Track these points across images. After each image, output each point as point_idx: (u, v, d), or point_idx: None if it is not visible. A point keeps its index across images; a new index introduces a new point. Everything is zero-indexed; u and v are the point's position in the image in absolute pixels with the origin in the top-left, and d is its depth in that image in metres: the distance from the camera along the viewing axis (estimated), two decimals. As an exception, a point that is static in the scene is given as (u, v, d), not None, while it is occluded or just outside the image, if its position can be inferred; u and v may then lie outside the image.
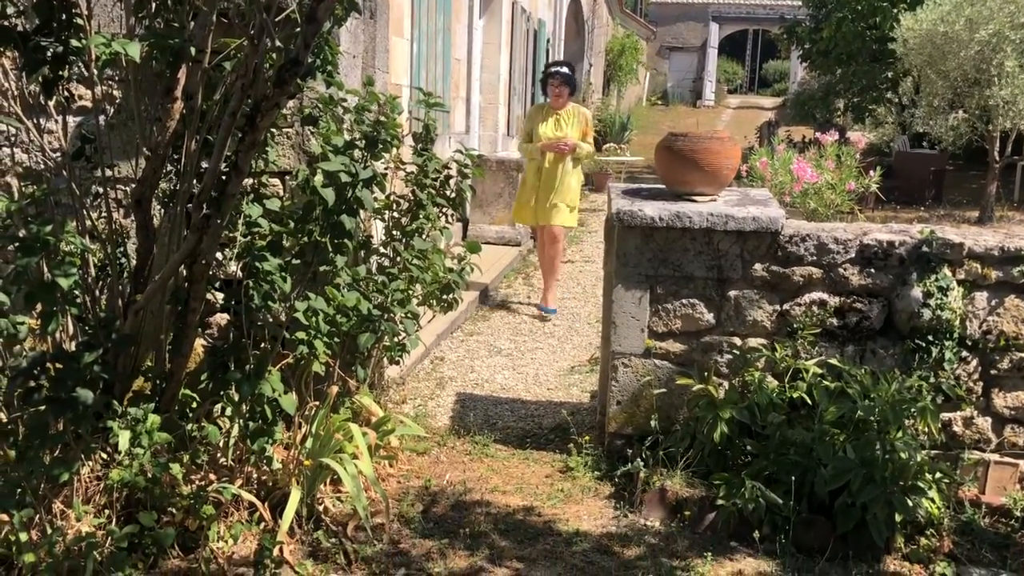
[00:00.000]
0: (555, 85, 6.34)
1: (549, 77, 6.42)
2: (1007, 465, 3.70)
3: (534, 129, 6.39)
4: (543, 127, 6.34)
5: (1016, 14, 11.61)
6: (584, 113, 6.56)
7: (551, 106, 6.43)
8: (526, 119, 6.61)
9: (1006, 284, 3.64)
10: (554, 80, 6.36)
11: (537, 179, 6.36)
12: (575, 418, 4.41)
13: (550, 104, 6.45)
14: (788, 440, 3.40)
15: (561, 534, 3.27)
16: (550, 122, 6.36)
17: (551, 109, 6.42)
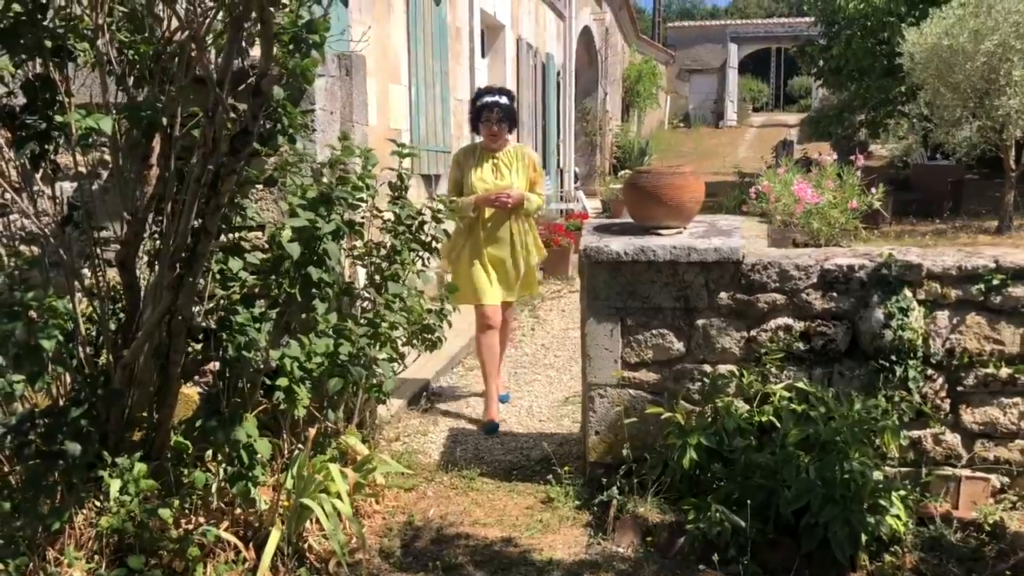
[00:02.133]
0: (491, 121, 4.88)
1: (482, 111, 4.93)
2: (979, 480, 3.75)
3: (464, 178, 4.94)
4: (476, 175, 4.90)
5: (1021, 24, 11.61)
6: (530, 155, 5.10)
7: (484, 147, 4.99)
8: (452, 164, 5.10)
9: (967, 302, 3.72)
10: (490, 113, 4.89)
11: (474, 244, 4.94)
12: (563, 448, 4.54)
13: (483, 145, 5.01)
14: (754, 463, 3.50)
15: (535, 563, 3.40)
16: (486, 168, 4.94)
17: (485, 151, 4.98)
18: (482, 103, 4.97)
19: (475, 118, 5.03)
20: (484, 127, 4.95)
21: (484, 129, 4.96)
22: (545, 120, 13.70)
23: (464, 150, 5.13)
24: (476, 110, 5.01)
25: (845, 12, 15.39)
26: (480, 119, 4.97)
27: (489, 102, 4.92)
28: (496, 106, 4.90)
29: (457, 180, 5.02)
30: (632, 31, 25.29)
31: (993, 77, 11.92)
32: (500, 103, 4.92)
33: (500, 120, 4.90)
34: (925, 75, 12.65)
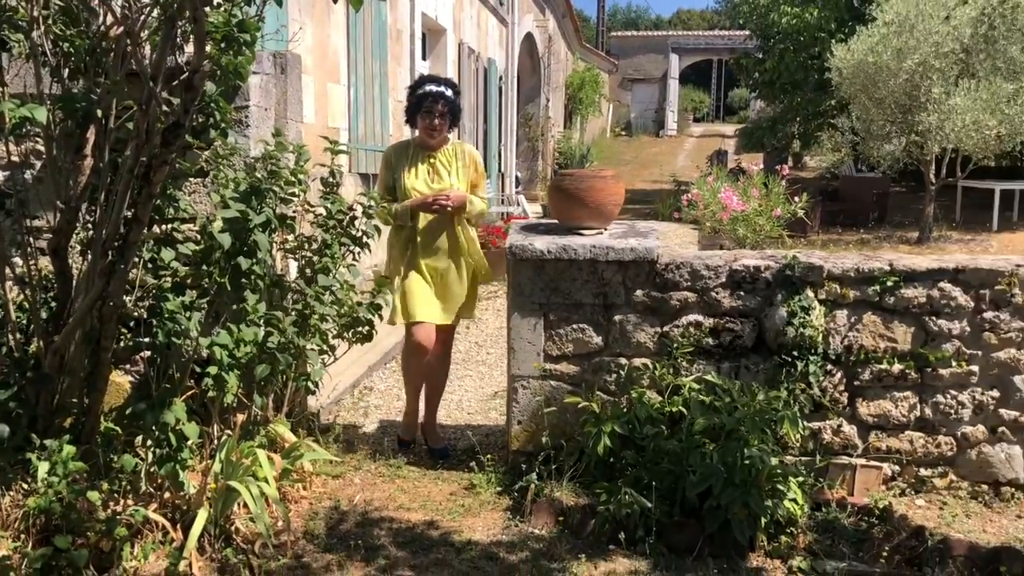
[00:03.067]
0: (433, 113, 4.28)
1: (423, 100, 4.30)
2: (872, 468, 4.02)
3: (398, 180, 4.35)
4: (411, 176, 4.34)
5: (940, 44, 12.16)
6: (471, 153, 4.53)
7: (421, 145, 4.40)
8: (382, 165, 4.49)
9: (864, 302, 3.99)
10: (433, 105, 4.28)
11: (411, 255, 4.38)
12: (488, 439, 4.71)
13: (418, 142, 4.42)
14: (663, 450, 3.71)
15: (454, 544, 3.56)
16: (421, 169, 4.37)
17: (421, 149, 4.40)
18: (423, 92, 4.29)
19: (413, 109, 4.37)
20: (423, 120, 4.32)
21: (423, 122, 4.33)
22: (487, 124, 13.89)
23: (395, 148, 4.50)
24: (415, 100, 4.34)
25: (779, 27, 15.88)
26: (419, 110, 4.32)
27: (432, 92, 4.26)
28: (440, 97, 4.27)
29: (388, 182, 4.39)
30: (575, 39, 25.65)
31: (915, 94, 12.46)
32: (445, 95, 4.28)
33: (443, 113, 4.29)
34: (852, 90, 13.16)
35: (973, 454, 4.03)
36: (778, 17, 15.73)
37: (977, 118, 11.92)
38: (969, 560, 3.42)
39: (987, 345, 3.95)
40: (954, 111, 11.94)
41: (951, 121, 11.99)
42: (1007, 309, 3.92)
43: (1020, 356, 3.94)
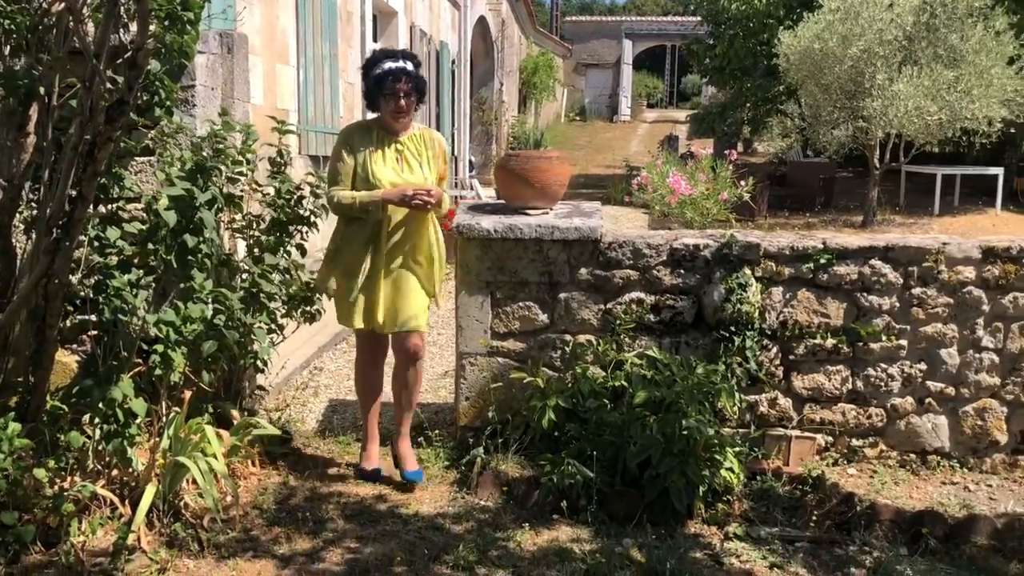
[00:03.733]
0: (397, 95, 3.74)
1: (383, 81, 3.74)
2: (806, 439, 4.18)
3: (363, 166, 3.79)
4: (378, 164, 3.79)
5: (883, 32, 12.43)
6: (440, 142, 3.99)
7: (385, 128, 3.85)
8: (339, 147, 3.86)
9: (798, 279, 4.14)
10: (396, 84, 3.73)
11: (374, 255, 3.80)
12: (438, 416, 4.78)
13: (382, 125, 3.86)
14: (605, 422, 3.82)
15: (401, 516, 3.63)
16: (389, 155, 3.83)
17: (386, 133, 3.84)
18: (382, 72, 3.74)
19: (373, 91, 3.80)
20: (387, 102, 3.76)
21: (387, 106, 3.77)
22: (439, 108, 13.89)
23: (356, 129, 3.90)
24: (374, 81, 3.77)
25: (728, 13, 16.09)
26: (381, 91, 3.75)
27: (393, 69, 3.72)
28: (403, 74, 3.72)
29: (345, 168, 3.79)
30: (529, 23, 25.65)
31: (860, 80, 12.73)
32: (407, 70, 3.74)
33: (408, 92, 3.74)
34: (800, 76, 13.40)
35: (902, 425, 4.20)
36: (728, 3, 15.94)
37: (919, 104, 12.22)
38: (894, 523, 3.59)
39: (915, 320, 4.12)
40: (897, 97, 12.22)
41: (894, 107, 12.27)
42: (934, 285, 4.09)
43: (946, 331, 4.11)
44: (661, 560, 3.24)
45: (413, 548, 3.34)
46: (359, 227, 3.81)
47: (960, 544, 3.53)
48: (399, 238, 3.82)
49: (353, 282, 3.82)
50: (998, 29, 12.58)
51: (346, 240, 3.85)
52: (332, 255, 3.92)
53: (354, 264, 3.82)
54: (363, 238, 3.81)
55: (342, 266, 3.86)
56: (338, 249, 3.88)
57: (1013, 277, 4.04)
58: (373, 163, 3.81)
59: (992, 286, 4.07)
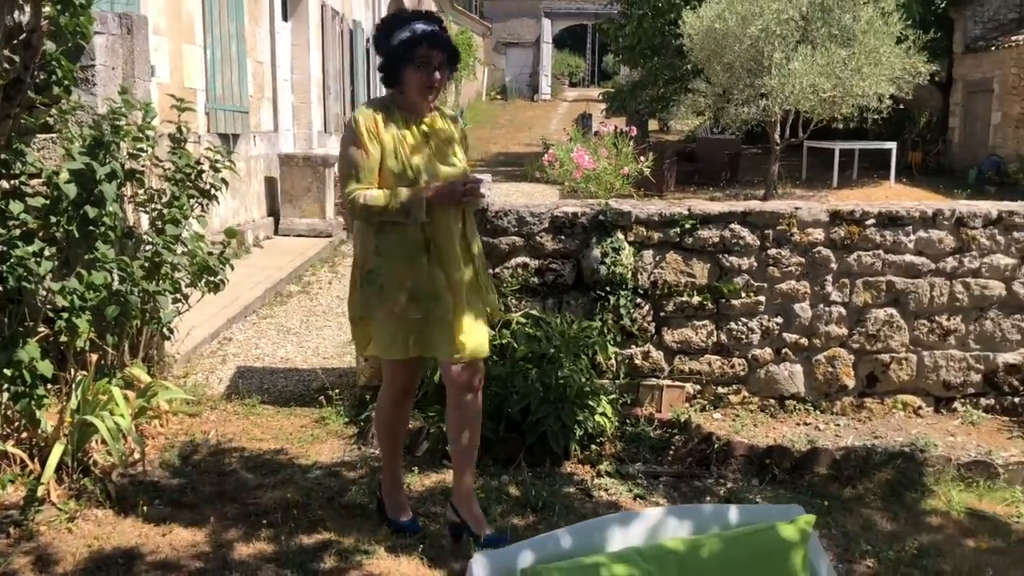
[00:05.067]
0: (431, 64, 3.04)
1: (414, 47, 3.01)
2: (676, 388, 4.59)
3: (397, 157, 3.06)
4: (410, 153, 3.08)
5: (781, 11, 13.00)
6: (459, 122, 3.40)
7: (407, 108, 3.12)
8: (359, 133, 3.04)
9: (667, 243, 4.53)
10: (429, 52, 3.03)
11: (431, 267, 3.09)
12: (341, 380, 5.05)
13: (403, 105, 3.12)
14: (490, 375, 4.13)
15: (301, 466, 3.92)
16: (418, 142, 3.12)
17: (410, 115, 3.12)
18: (412, 36, 3.01)
19: (398, 61, 3.05)
20: (418, 74, 3.04)
21: (418, 77, 3.04)
22: (354, 87, 14.01)
23: (374, 111, 3.09)
24: (400, 47, 3.03)
25: (637, -8, 16.51)
26: (409, 61, 3.02)
27: (427, 32, 3.03)
28: (439, 40, 3.05)
29: (372, 161, 3.04)
30: (447, 2, 25.76)
31: (759, 58, 13.29)
32: (442, 36, 3.08)
33: (443, 63, 3.08)
34: (703, 55, 13.91)
35: (762, 373, 4.64)
36: (636, -16, 16.34)
37: (814, 81, 12.83)
38: (747, 458, 4.02)
39: (771, 278, 4.55)
40: (793, 75, 12.82)
41: (791, 84, 12.87)
42: (787, 246, 4.52)
43: (799, 287, 4.56)
44: (536, 493, 3.59)
45: (309, 492, 3.63)
46: (400, 235, 3.06)
47: (804, 474, 3.98)
48: (452, 242, 3.12)
49: (414, 304, 3.06)
50: (887, 10, 13.28)
51: (386, 254, 3.08)
52: (370, 276, 3.10)
53: (408, 281, 3.06)
54: (411, 247, 3.07)
55: (393, 286, 3.06)
56: (378, 267, 3.09)
57: (857, 237, 4.50)
58: (408, 154, 3.07)
59: (839, 246, 4.52)
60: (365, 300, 3.14)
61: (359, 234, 3.19)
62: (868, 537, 3.48)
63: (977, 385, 4.61)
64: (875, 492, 3.88)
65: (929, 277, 4.50)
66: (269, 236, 9.37)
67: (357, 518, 3.44)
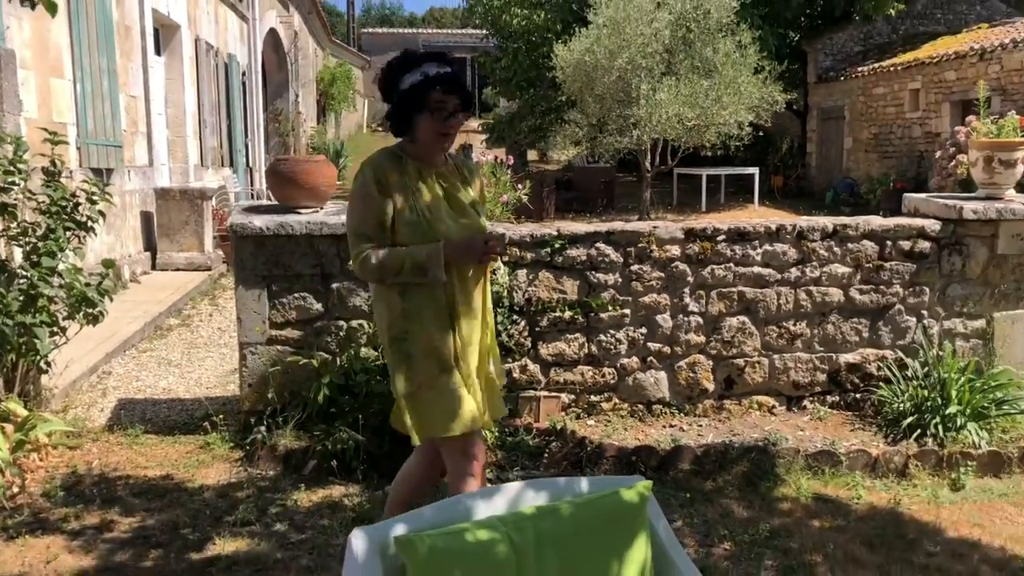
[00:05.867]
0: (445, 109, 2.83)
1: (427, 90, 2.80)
2: (552, 398, 4.85)
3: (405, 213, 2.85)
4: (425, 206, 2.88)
5: (646, 44, 13.69)
6: (479, 169, 3.45)
7: (419, 157, 2.92)
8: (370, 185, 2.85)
9: (539, 262, 4.80)
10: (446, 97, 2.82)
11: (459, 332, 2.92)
12: (225, 407, 5.10)
13: (414, 154, 2.91)
14: (374, 393, 4.32)
15: (188, 490, 3.98)
16: (435, 194, 2.92)
17: (422, 164, 2.92)
18: (426, 77, 2.81)
19: (410, 105, 2.83)
20: (432, 121, 2.83)
21: (431, 125, 2.84)
22: (230, 120, 13.92)
23: (383, 162, 2.88)
24: (414, 90, 2.81)
25: (511, 27, 17.03)
26: (423, 106, 2.81)
27: (441, 75, 2.82)
28: (456, 83, 2.85)
29: (384, 216, 2.84)
30: (324, 35, 25.79)
31: (627, 90, 13.95)
32: (459, 79, 2.88)
33: (458, 109, 2.86)
34: (575, 87, 14.49)
35: (630, 380, 4.95)
36: (510, 18, 16.88)
37: (679, 111, 13.56)
38: (616, 458, 4.31)
39: (635, 292, 4.88)
40: (660, 105, 13.51)
41: (658, 114, 13.56)
42: (648, 262, 4.87)
43: (660, 299, 4.90)
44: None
45: (197, 514, 3.71)
46: (425, 297, 2.86)
47: (669, 471, 4.30)
48: (468, 305, 2.95)
49: (448, 375, 2.87)
50: (744, 43, 14.16)
51: (415, 317, 2.86)
52: (399, 344, 2.89)
53: (440, 349, 2.87)
54: (437, 310, 2.87)
55: (422, 353, 2.86)
56: (405, 332, 2.87)
57: (710, 252, 4.88)
58: (422, 205, 2.86)
59: (694, 260, 4.89)
60: (394, 373, 2.90)
61: (381, 296, 2.94)
62: (726, 523, 3.81)
63: (823, 384, 5.05)
64: (733, 483, 4.22)
65: (776, 287, 4.92)
66: (146, 271, 9.23)
67: (246, 535, 3.54)
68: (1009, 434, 4.59)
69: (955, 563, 3.52)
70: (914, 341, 4.97)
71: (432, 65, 2.84)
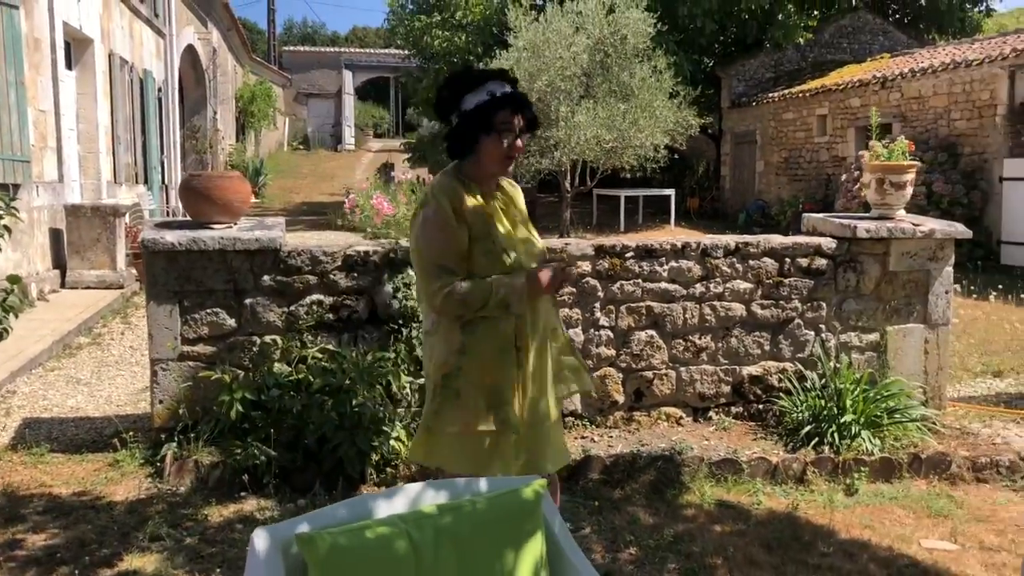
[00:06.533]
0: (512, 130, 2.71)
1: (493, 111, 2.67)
2: (467, 412, 4.93)
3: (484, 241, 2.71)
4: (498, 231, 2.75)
5: (565, 68, 13.97)
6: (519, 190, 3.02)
7: (478, 180, 2.77)
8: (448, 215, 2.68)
9: (453, 277, 4.89)
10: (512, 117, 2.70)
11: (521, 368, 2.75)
12: (136, 424, 5.03)
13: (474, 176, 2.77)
14: (287, 409, 4.33)
15: (97, 507, 3.93)
16: (498, 214, 2.80)
17: (479, 187, 2.77)
18: (492, 97, 2.66)
19: (474, 125, 2.68)
20: (498, 144, 2.69)
21: (496, 147, 2.69)
22: (145, 136, 13.69)
23: (450, 186, 2.72)
24: (478, 113, 2.66)
25: (433, 49, 17.17)
26: (490, 127, 2.67)
27: (509, 95, 2.69)
28: (523, 104, 2.72)
29: (460, 247, 2.67)
30: (244, 52, 25.55)
31: (547, 112, 14.19)
32: (525, 99, 2.74)
33: (524, 129, 2.74)
34: (495, 108, 14.67)
35: (544, 394, 5.07)
36: (431, 40, 17.03)
37: (597, 133, 13.86)
38: (529, 469, 4.40)
39: (548, 307, 5.00)
40: (578, 127, 13.80)
41: (576, 136, 13.84)
42: (561, 278, 5.00)
43: (572, 313, 5.03)
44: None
45: (105, 530, 3.67)
46: (488, 331, 2.68)
47: (579, 480, 4.42)
48: (540, 330, 2.79)
49: (505, 412, 2.67)
50: (659, 68, 14.57)
51: (472, 352, 2.67)
52: (447, 380, 2.71)
53: (492, 386, 2.68)
54: (502, 343, 2.69)
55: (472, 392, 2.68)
56: (458, 369, 2.68)
57: (619, 268, 5.05)
58: (503, 236, 2.73)
59: (604, 276, 5.05)
60: (437, 409, 2.71)
61: (440, 329, 2.71)
62: (632, 529, 3.93)
63: (728, 395, 5.25)
64: (640, 491, 4.37)
65: (682, 301, 5.11)
66: (55, 289, 9.00)
67: (156, 549, 3.52)
68: (901, 441, 4.84)
69: (846, 562, 3.71)
70: (812, 354, 5.21)
71: (496, 84, 2.71)
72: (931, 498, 4.40)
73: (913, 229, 5.21)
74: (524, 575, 1.92)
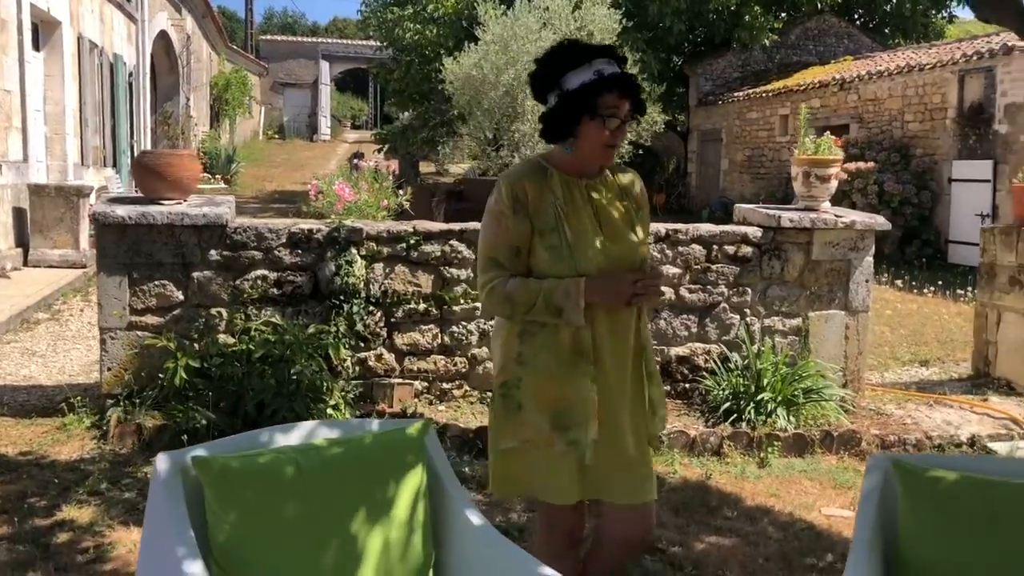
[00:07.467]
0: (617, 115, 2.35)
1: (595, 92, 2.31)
2: (406, 385, 5.16)
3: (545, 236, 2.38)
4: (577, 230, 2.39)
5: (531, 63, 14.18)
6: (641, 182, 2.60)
7: (570, 169, 2.43)
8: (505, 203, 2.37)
9: (395, 256, 5.11)
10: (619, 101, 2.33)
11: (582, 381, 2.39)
12: (87, 393, 5.21)
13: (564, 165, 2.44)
14: (229, 376, 4.54)
15: (41, 465, 4.12)
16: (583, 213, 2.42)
17: (573, 178, 2.43)
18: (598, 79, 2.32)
19: (575, 108, 2.35)
20: (600, 130, 2.35)
21: (599, 134, 2.36)
22: (115, 120, 13.79)
23: (523, 174, 2.43)
24: (582, 93, 2.33)
25: (404, 41, 17.34)
26: (593, 110, 2.33)
27: (614, 76, 2.34)
28: (629, 87, 2.36)
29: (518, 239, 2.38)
30: (220, 40, 25.57)
31: (514, 105, 14.43)
32: (631, 80, 2.38)
33: (630, 116, 2.39)
34: (464, 101, 14.89)
35: (480, 370, 5.30)
36: (403, 32, 17.19)
37: (562, 127, 14.07)
38: (460, 438, 4.65)
39: (486, 286, 5.23)
40: (544, 121, 14.00)
41: (541, 130, 14.04)
42: (498, 259, 5.24)
43: (509, 294, 5.27)
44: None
45: (47, 484, 3.87)
46: (551, 338, 2.39)
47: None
48: (622, 350, 2.45)
49: (577, 431, 2.36)
50: (625, 65, 14.81)
51: (531, 363, 2.40)
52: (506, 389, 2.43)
53: (557, 403, 2.37)
54: (565, 355, 2.39)
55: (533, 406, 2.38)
56: (517, 380, 2.41)
57: (555, 251, 5.30)
58: (570, 228, 2.38)
59: (541, 258, 5.29)
60: (498, 423, 2.43)
61: (500, 332, 2.49)
62: (551, 493, 4.17)
63: (658, 375, 5.51)
64: (564, 460, 4.60)
65: (615, 284, 5.36)
66: (17, 267, 9.13)
67: (94, 503, 3.72)
68: (817, 420, 5.12)
69: (747, 525, 3.97)
70: (737, 337, 5.47)
71: (604, 62, 2.35)
72: (838, 472, 4.68)
73: (835, 220, 5.49)
74: (403, 501, 2.15)
